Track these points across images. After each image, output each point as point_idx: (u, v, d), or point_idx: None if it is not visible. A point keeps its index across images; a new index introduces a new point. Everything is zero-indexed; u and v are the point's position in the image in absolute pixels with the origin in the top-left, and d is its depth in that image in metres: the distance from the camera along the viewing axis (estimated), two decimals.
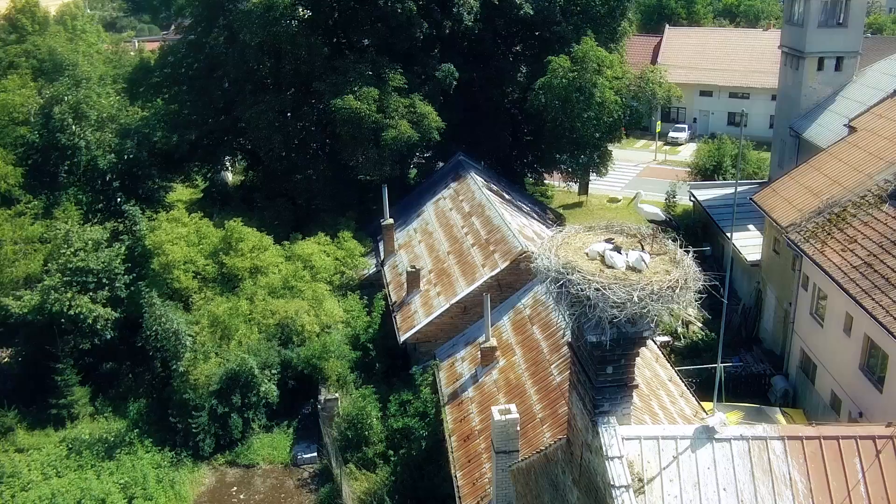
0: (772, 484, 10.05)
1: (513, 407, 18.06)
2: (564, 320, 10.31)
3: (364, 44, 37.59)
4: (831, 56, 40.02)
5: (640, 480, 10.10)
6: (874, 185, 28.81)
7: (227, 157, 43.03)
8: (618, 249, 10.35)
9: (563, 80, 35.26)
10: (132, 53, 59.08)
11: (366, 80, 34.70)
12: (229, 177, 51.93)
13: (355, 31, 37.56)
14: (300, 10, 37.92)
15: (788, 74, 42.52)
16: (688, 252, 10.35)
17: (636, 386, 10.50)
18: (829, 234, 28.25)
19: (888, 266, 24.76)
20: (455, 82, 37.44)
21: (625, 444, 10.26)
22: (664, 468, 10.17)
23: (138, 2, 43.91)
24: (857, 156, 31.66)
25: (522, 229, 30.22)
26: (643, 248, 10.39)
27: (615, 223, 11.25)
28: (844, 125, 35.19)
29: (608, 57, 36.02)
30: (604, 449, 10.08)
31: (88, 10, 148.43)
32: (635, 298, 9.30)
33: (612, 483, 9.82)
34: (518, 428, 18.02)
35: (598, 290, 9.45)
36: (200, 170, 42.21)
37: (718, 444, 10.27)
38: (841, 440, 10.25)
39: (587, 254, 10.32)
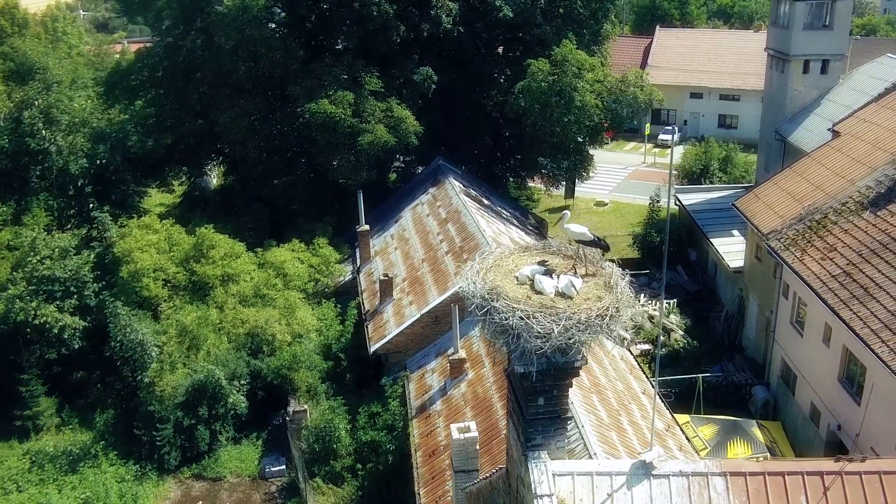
0: None
1: (472, 425, 17.40)
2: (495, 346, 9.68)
3: (341, 47, 36.96)
4: (817, 59, 39.43)
5: None
6: (856, 192, 28.25)
7: (204, 162, 42.28)
8: (550, 273, 9.73)
9: (543, 84, 34.63)
10: (116, 55, 58.35)
11: (341, 83, 34.07)
12: (213, 180, 51.30)
13: (332, 33, 36.92)
14: (277, 12, 37.30)
15: (774, 77, 41.94)
16: (624, 275, 9.72)
17: (570, 418, 9.89)
18: (809, 241, 27.67)
19: (867, 275, 24.20)
20: (434, 85, 36.82)
21: (557, 480, 9.65)
22: None
23: (124, 3, 43.22)
24: (840, 161, 31.07)
25: (498, 237, 29.60)
26: (576, 272, 9.76)
27: (553, 243, 10.61)
28: (828, 129, 34.60)
29: (588, 60, 35.38)
30: (533, 486, 9.47)
31: (82, 12, 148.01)
32: (560, 329, 8.68)
33: None
34: (477, 447, 17.41)
35: (521, 319, 8.83)
36: (177, 175, 41.54)
37: (656, 480, 9.67)
38: (787, 476, 9.65)
39: (517, 277, 9.70)
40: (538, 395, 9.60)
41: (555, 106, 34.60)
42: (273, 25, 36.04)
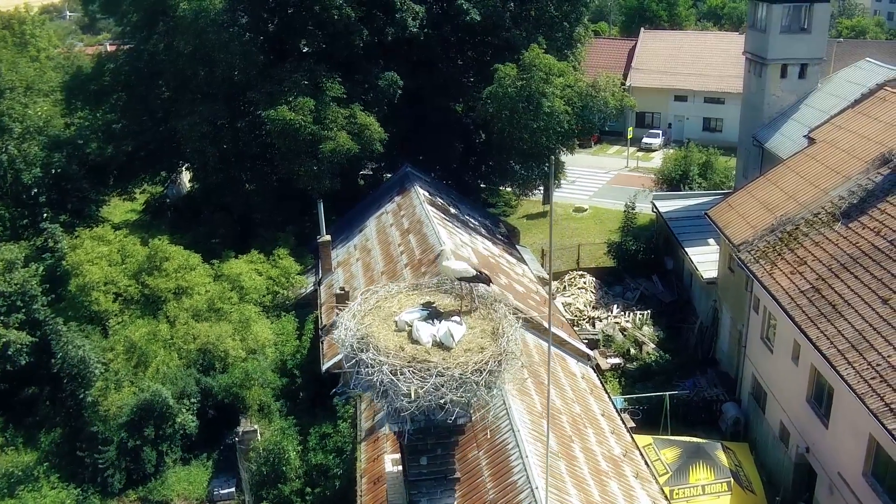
0: None
1: None
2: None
3: (304, 52, 35.89)
4: (795, 63, 38.47)
5: None
6: (828, 202, 27.29)
7: (168, 170, 41.19)
8: (435, 316, 8.69)
9: (510, 90, 33.59)
10: (88, 58, 57.08)
11: (302, 89, 32.99)
12: (185, 188, 50.19)
13: (294, 38, 35.85)
14: (240, 16, 36.22)
15: (752, 81, 40.98)
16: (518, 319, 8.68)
17: (457, 479, 8.83)
18: (779, 254, 26.70)
19: (836, 291, 23.21)
20: (400, 91, 35.76)
21: None
22: None
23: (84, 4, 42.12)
24: (815, 169, 30.14)
25: (458, 249, 28.50)
26: (461, 317, 8.70)
27: (446, 281, 9.54)
28: (804, 136, 33.65)
29: (556, 65, 34.32)
30: None
31: (68, 13, 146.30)
32: (428, 387, 7.64)
33: None
34: None
35: (388, 374, 7.79)
36: (138, 182, 40.46)
37: None
38: None
39: (396, 322, 8.66)
40: (420, 455, 8.58)
41: (522, 112, 33.56)
42: (234, 29, 34.88)
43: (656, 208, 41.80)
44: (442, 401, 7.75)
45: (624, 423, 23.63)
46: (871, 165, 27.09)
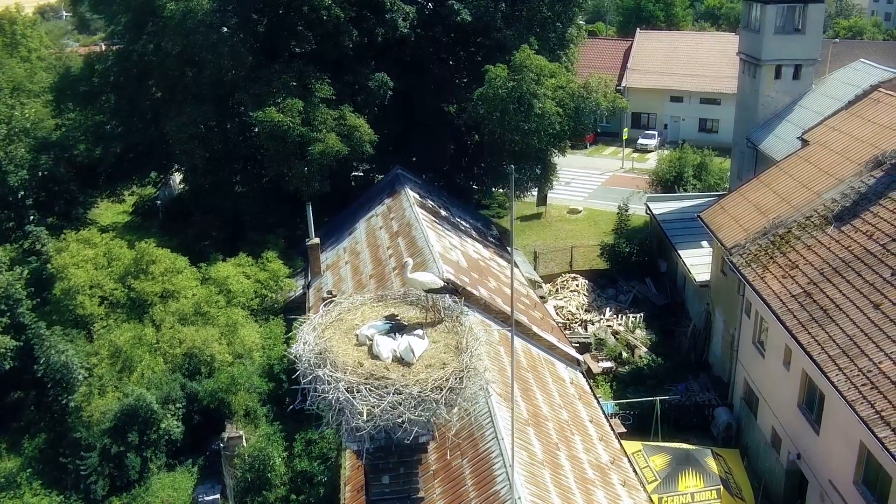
0: None
1: None
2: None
3: (294, 52, 35.56)
4: (789, 64, 38.16)
5: None
6: (821, 205, 26.99)
7: (159, 171, 40.88)
8: (398, 329, 8.36)
9: (501, 91, 33.26)
10: (80, 58, 56.74)
11: (290, 90, 32.67)
12: (178, 189, 49.88)
13: (284, 39, 35.51)
14: (229, 17, 35.89)
15: (746, 82, 40.67)
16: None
17: (422, 499, 8.51)
18: (771, 257, 26.38)
19: (827, 296, 22.89)
20: (390, 92, 35.42)
21: None
22: None
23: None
24: (808, 171, 29.83)
25: (447, 253, 28.21)
26: (423, 330, 8.38)
27: (412, 292, 9.22)
28: (798, 138, 33.35)
29: (548, 66, 33.99)
30: None
31: (64, 13, 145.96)
32: (385, 406, 7.31)
33: None
34: None
35: (345, 392, 7.46)
36: (127, 184, 40.13)
37: None
38: None
39: (357, 336, 8.34)
40: (381, 474, 8.25)
41: (513, 113, 33.22)
42: (223, 30, 34.55)
43: (650, 210, 41.50)
44: (399, 420, 7.42)
45: (613, 429, 23.32)
46: (865, 168, 26.79)
